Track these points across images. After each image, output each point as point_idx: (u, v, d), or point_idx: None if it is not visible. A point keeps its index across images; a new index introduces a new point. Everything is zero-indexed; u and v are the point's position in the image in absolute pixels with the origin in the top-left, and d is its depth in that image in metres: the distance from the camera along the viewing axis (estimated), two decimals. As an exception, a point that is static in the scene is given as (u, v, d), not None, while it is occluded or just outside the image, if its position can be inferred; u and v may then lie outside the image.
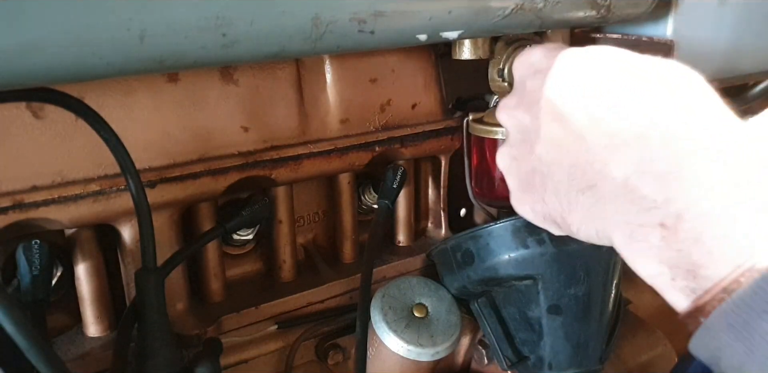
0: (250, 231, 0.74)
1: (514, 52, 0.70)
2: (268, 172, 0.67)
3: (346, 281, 0.76)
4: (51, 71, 0.39)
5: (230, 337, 0.69)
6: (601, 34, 0.76)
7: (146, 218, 0.53)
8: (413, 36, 0.54)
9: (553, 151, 0.45)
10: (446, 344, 0.70)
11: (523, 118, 0.49)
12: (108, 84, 0.57)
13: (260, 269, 0.78)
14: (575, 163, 0.44)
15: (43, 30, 0.37)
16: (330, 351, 0.75)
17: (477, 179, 0.81)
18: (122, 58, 0.40)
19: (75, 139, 0.56)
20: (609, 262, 0.71)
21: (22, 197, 0.55)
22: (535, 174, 0.48)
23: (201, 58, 0.44)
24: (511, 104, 0.51)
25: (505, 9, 0.58)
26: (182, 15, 0.41)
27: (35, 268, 0.58)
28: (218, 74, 0.63)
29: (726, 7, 0.75)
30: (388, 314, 0.70)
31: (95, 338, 0.65)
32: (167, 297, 0.58)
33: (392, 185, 0.75)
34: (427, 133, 0.77)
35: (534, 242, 0.68)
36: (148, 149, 0.60)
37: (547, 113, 0.46)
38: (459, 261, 0.73)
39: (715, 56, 0.76)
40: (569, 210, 0.46)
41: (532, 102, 0.48)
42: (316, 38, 0.48)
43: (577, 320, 0.70)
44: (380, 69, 0.73)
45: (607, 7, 0.65)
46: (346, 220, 0.78)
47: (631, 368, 0.87)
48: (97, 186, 0.58)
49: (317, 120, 0.70)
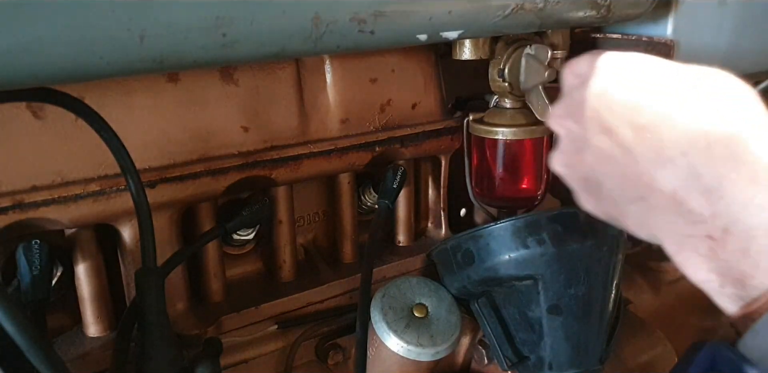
0: (250, 231, 0.74)
1: (515, 52, 0.70)
2: (268, 173, 0.67)
3: (346, 281, 0.76)
4: (51, 71, 0.39)
5: (230, 337, 0.69)
6: (601, 34, 0.76)
7: (146, 218, 0.53)
8: (413, 36, 0.54)
9: (604, 162, 0.47)
10: (446, 344, 0.70)
11: (573, 128, 0.50)
12: (108, 84, 0.57)
13: (260, 269, 0.78)
14: (625, 174, 0.45)
15: (43, 30, 0.37)
16: (330, 351, 0.75)
17: (477, 179, 0.81)
18: (122, 58, 0.40)
19: (75, 139, 0.56)
20: (609, 262, 0.71)
21: (22, 197, 0.55)
22: (588, 181, 0.50)
23: (201, 58, 0.44)
24: (560, 113, 0.52)
25: (505, 9, 0.58)
26: (182, 15, 0.41)
27: (35, 268, 0.58)
28: (218, 74, 0.63)
29: (726, 7, 0.75)
30: (388, 314, 0.70)
31: (95, 338, 0.65)
32: (167, 297, 0.58)
33: (392, 185, 0.75)
34: (427, 133, 0.77)
35: (534, 242, 0.68)
36: (148, 149, 0.60)
37: (594, 125, 0.47)
38: (459, 261, 0.73)
39: (715, 56, 0.76)
40: (623, 216, 0.48)
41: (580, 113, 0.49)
42: (316, 38, 0.48)
43: (578, 320, 0.70)
44: (380, 69, 0.73)
45: (607, 7, 0.65)
46: (346, 220, 0.78)
47: (631, 368, 0.86)
48: (97, 186, 0.58)
49: (317, 120, 0.70)
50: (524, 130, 0.75)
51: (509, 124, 0.75)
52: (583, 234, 0.69)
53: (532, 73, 0.70)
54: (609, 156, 0.46)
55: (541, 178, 0.80)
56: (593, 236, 0.70)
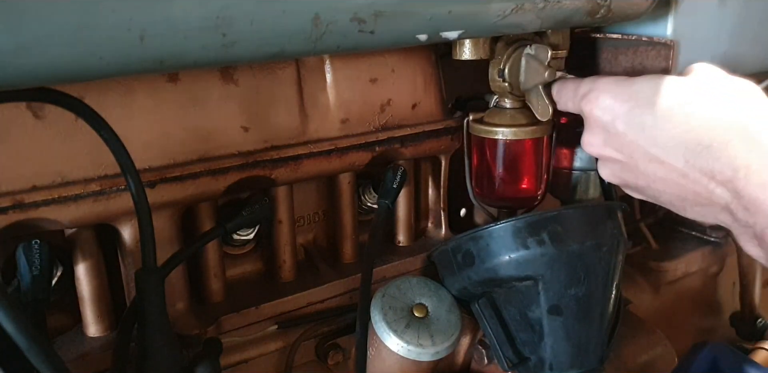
0: (250, 231, 0.74)
1: (515, 52, 0.70)
2: (268, 172, 0.67)
3: (346, 281, 0.76)
4: (51, 71, 0.39)
5: (230, 337, 0.69)
6: (601, 34, 0.76)
7: (146, 218, 0.53)
8: (413, 36, 0.54)
9: (659, 182, 0.56)
10: (446, 344, 0.70)
11: (615, 155, 0.58)
12: (108, 84, 0.57)
13: (260, 269, 0.78)
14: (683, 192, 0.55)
15: (43, 30, 0.37)
16: (330, 351, 0.75)
17: (477, 179, 0.81)
18: (122, 58, 0.40)
19: (75, 139, 0.56)
20: (609, 262, 0.71)
21: (22, 197, 0.55)
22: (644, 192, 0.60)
23: (201, 58, 0.44)
24: (597, 143, 0.60)
25: (505, 9, 0.57)
26: (182, 15, 0.41)
27: (35, 268, 0.58)
28: (218, 74, 0.63)
29: (726, 7, 0.75)
30: (388, 314, 0.70)
31: (95, 338, 0.65)
32: (167, 297, 0.58)
33: (392, 185, 0.75)
34: (427, 133, 0.77)
35: (534, 243, 0.68)
36: (148, 149, 0.60)
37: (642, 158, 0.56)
38: (459, 262, 0.73)
39: (715, 56, 0.76)
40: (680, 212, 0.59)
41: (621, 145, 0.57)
42: (316, 38, 0.48)
43: (578, 321, 0.70)
44: (380, 69, 0.73)
45: (607, 7, 0.65)
46: (346, 220, 0.78)
47: (631, 368, 0.87)
48: (97, 186, 0.58)
49: (317, 120, 0.70)
50: (524, 130, 0.75)
51: (509, 124, 0.75)
52: (583, 234, 0.69)
53: (532, 73, 0.70)
54: (664, 179, 0.55)
55: (541, 178, 0.80)
56: (593, 236, 0.70)
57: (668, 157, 0.53)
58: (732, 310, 1.24)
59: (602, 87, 0.58)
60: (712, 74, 0.58)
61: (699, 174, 0.53)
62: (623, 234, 0.73)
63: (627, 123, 0.55)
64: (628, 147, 0.56)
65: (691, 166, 0.53)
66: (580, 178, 0.84)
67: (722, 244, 1.16)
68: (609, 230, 0.71)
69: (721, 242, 1.15)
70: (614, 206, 0.74)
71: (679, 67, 0.71)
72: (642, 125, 0.54)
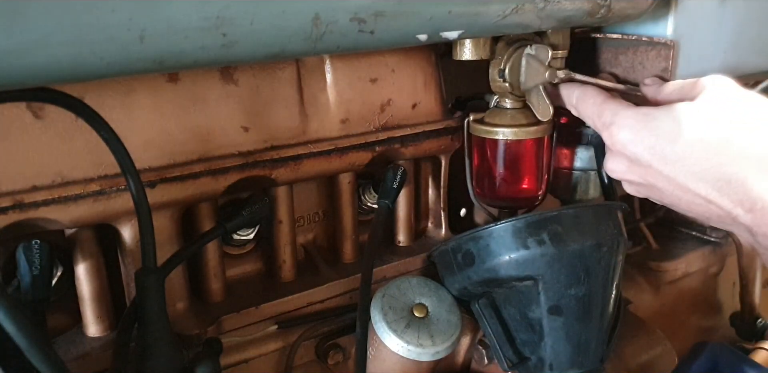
0: (250, 231, 0.74)
1: (515, 52, 0.70)
2: (268, 172, 0.67)
3: (346, 281, 0.76)
4: (51, 71, 0.39)
5: (230, 337, 0.69)
6: (601, 34, 0.76)
7: (146, 218, 0.53)
8: (413, 36, 0.54)
9: (684, 204, 0.60)
10: (446, 344, 0.70)
11: (640, 181, 0.62)
12: (108, 84, 0.57)
13: (260, 269, 0.78)
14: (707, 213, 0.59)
15: (43, 30, 0.37)
16: (330, 351, 0.75)
17: (478, 179, 0.81)
18: (122, 58, 0.40)
19: (75, 139, 0.56)
20: (609, 262, 0.71)
21: (22, 197, 0.55)
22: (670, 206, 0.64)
23: (201, 58, 0.44)
24: (620, 170, 0.63)
25: (506, 9, 0.58)
26: (182, 15, 0.41)
27: (35, 268, 0.58)
28: (218, 74, 0.63)
29: (726, 7, 0.75)
30: (388, 314, 0.70)
31: (95, 338, 0.65)
32: (167, 297, 0.58)
33: (392, 185, 0.75)
34: (427, 133, 0.77)
35: (534, 243, 0.68)
36: (148, 149, 0.60)
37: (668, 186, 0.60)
38: (459, 262, 0.73)
39: (715, 56, 0.76)
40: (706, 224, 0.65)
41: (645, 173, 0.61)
42: (316, 38, 0.48)
43: (578, 321, 0.70)
44: (380, 69, 0.73)
45: (607, 7, 0.65)
46: (346, 220, 0.78)
47: (631, 368, 0.87)
48: (97, 186, 0.58)
49: (317, 120, 0.70)
50: (525, 131, 0.75)
51: (510, 124, 0.75)
52: (584, 234, 0.69)
53: (532, 73, 0.70)
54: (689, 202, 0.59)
55: (541, 178, 0.80)
56: (593, 236, 0.70)
57: (693, 187, 0.58)
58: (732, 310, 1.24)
59: (623, 122, 0.61)
60: (725, 94, 0.59)
61: (723, 202, 0.57)
62: (623, 234, 0.73)
63: (651, 156, 0.59)
64: (653, 177, 0.60)
65: (716, 196, 0.57)
66: (580, 178, 0.84)
67: (722, 244, 1.16)
68: (609, 230, 0.71)
69: (721, 242, 1.15)
70: (614, 206, 0.74)
71: (679, 67, 0.71)
72: (665, 159, 0.58)
